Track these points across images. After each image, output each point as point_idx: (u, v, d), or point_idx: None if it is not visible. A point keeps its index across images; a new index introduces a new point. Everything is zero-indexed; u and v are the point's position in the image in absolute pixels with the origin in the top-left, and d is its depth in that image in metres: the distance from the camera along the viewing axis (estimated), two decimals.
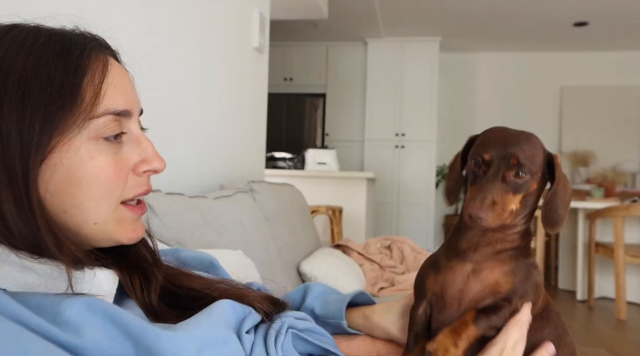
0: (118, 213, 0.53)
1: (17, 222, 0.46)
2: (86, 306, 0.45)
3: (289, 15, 3.70)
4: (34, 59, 0.48)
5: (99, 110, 0.50)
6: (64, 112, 0.48)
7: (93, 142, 0.50)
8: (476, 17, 4.69)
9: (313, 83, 5.74)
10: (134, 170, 0.54)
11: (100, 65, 0.52)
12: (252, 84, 2.31)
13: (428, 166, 5.35)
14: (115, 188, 0.52)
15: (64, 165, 0.49)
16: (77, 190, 0.50)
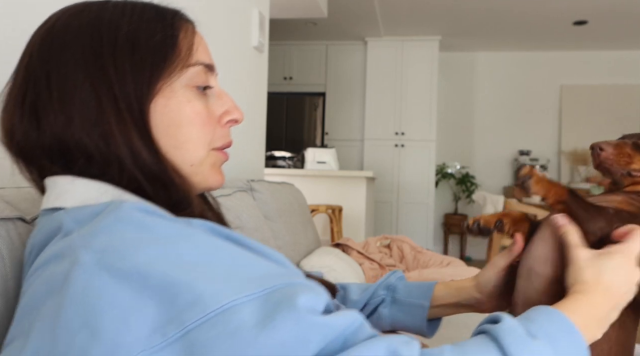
0: (211, 157, 0.60)
1: (146, 155, 0.52)
2: (210, 227, 0.50)
3: (289, 14, 3.70)
4: (136, 19, 0.54)
5: (192, 60, 0.57)
6: (167, 59, 0.54)
7: (188, 88, 0.56)
8: (476, 16, 4.69)
9: (313, 82, 5.74)
10: (218, 121, 0.60)
11: (189, 26, 0.60)
12: (251, 83, 2.31)
13: (428, 165, 5.35)
14: (208, 132, 0.58)
15: (167, 106, 0.54)
16: (178, 131, 0.55)
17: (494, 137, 5.86)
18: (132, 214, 0.45)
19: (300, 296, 0.41)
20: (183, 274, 0.41)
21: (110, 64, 0.52)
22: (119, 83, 0.52)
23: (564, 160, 5.65)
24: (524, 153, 5.64)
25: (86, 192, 0.51)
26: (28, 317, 0.43)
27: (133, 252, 0.42)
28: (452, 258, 2.23)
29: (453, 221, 5.72)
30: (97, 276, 0.40)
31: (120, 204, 0.47)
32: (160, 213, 0.48)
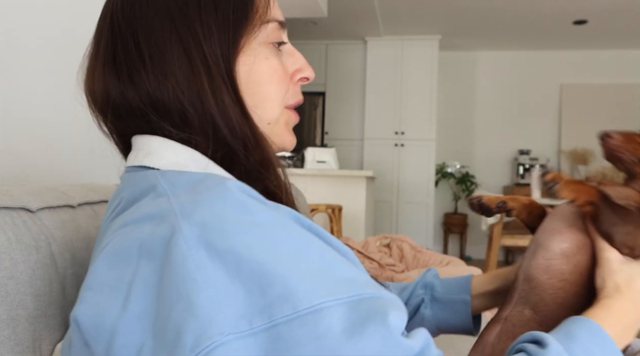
0: (285, 116, 0.59)
1: (238, 116, 0.52)
2: (295, 215, 0.49)
3: (289, 13, 3.70)
4: None
5: (269, 16, 0.56)
6: (248, 16, 0.54)
7: (265, 46, 0.56)
8: (476, 16, 4.69)
9: (312, 81, 5.65)
10: (291, 78, 0.59)
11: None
12: None
13: (427, 164, 5.35)
14: (284, 89, 0.57)
15: (247, 64, 0.54)
16: (257, 89, 0.55)
17: (493, 137, 5.86)
18: (235, 193, 0.44)
19: (391, 313, 0.40)
20: (278, 265, 0.40)
21: (196, 21, 0.51)
22: (207, 41, 0.51)
23: (563, 159, 5.65)
24: (523, 152, 5.64)
25: (177, 156, 0.51)
26: (120, 270, 0.43)
27: (232, 233, 0.41)
28: (452, 257, 2.23)
29: (453, 220, 5.72)
30: (196, 250, 0.40)
31: (224, 180, 0.46)
32: (259, 197, 0.47)
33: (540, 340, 0.50)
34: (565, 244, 0.63)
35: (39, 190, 0.65)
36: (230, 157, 0.52)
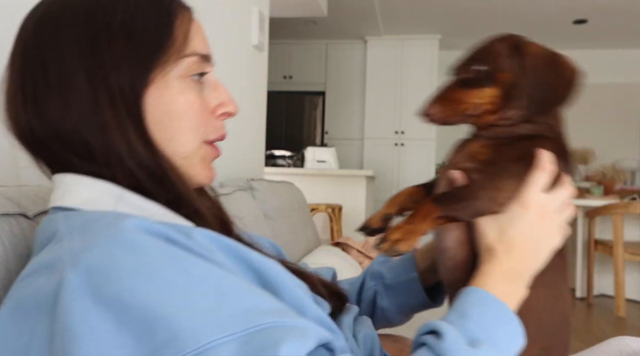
0: (202, 151, 0.57)
1: (141, 148, 0.50)
2: (210, 236, 0.48)
3: (289, 13, 3.70)
4: (133, 4, 0.53)
5: (188, 50, 0.55)
6: (162, 49, 0.53)
7: (182, 79, 0.54)
8: (476, 15, 4.69)
9: (312, 81, 5.74)
10: (212, 112, 0.58)
11: (186, 14, 0.58)
12: (251, 81, 2.31)
13: (427, 164, 5.35)
14: (201, 124, 0.56)
15: (160, 98, 0.53)
16: (171, 123, 0.53)
17: None
18: (127, 234, 0.43)
19: (285, 345, 0.38)
20: (166, 307, 0.39)
21: (105, 51, 0.50)
22: (114, 71, 0.50)
23: None
24: None
25: (90, 191, 0.50)
26: (20, 328, 0.42)
27: (119, 278, 0.40)
28: None
29: None
30: (80, 300, 0.39)
31: (119, 219, 0.44)
32: (161, 232, 0.45)
33: (436, 330, 0.50)
34: (453, 234, 0.63)
35: (38, 193, 0.65)
36: (142, 188, 0.51)
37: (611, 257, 3.43)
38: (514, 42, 0.64)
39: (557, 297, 0.62)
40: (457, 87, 0.64)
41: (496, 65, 0.63)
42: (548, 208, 0.59)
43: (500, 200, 0.59)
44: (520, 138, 0.63)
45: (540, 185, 0.59)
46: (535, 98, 0.61)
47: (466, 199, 0.59)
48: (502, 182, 0.59)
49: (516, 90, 0.62)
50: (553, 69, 0.62)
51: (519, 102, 0.62)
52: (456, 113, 0.63)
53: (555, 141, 0.64)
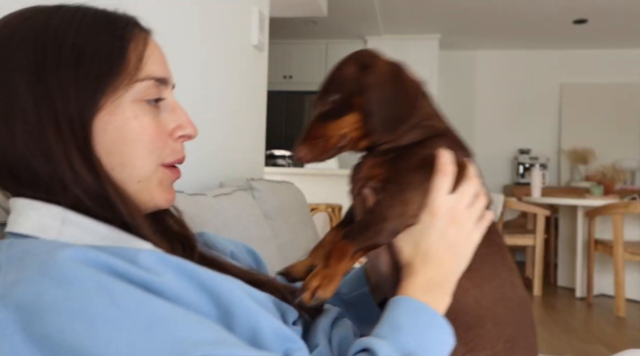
0: (159, 174, 0.57)
1: (87, 175, 0.50)
2: (159, 257, 0.47)
3: (289, 13, 3.70)
4: (85, 28, 0.52)
5: (142, 75, 0.54)
6: (113, 74, 0.52)
7: (136, 103, 0.54)
8: (476, 15, 4.68)
9: (312, 81, 5.74)
10: (170, 135, 0.58)
11: (142, 37, 0.57)
12: (251, 81, 2.31)
13: None
14: (157, 148, 0.56)
15: (112, 122, 0.52)
16: (124, 147, 0.53)
17: (493, 136, 5.86)
18: (58, 267, 0.42)
19: None
20: (93, 343, 0.39)
21: (52, 77, 0.50)
22: (62, 98, 0.50)
23: (563, 158, 5.65)
24: (524, 152, 5.64)
25: (36, 217, 0.50)
26: None
27: (47, 314, 0.39)
28: None
29: None
30: (10, 337, 0.39)
31: (54, 252, 0.43)
32: (96, 259, 0.44)
33: (369, 348, 0.50)
34: (381, 257, 0.64)
35: None
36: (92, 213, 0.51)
37: (611, 256, 3.43)
38: (361, 60, 0.62)
39: (503, 286, 0.62)
40: (320, 121, 0.61)
41: (347, 91, 0.60)
42: (458, 209, 0.60)
43: (411, 213, 0.59)
44: (409, 146, 0.62)
45: (444, 189, 0.59)
46: (382, 117, 0.59)
47: (376, 223, 0.58)
48: (406, 196, 0.59)
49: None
50: (396, 85, 0.60)
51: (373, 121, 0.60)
52: (325, 149, 0.61)
53: (444, 136, 0.64)
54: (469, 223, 0.60)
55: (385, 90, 0.59)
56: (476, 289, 0.59)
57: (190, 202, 1.30)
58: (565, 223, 4.17)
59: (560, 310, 3.47)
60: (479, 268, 0.61)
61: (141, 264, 0.46)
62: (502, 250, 0.65)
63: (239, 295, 0.48)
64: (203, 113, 1.81)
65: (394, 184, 0.60)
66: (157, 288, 0.44)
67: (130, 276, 0.44)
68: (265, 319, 0.48)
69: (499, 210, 3.87)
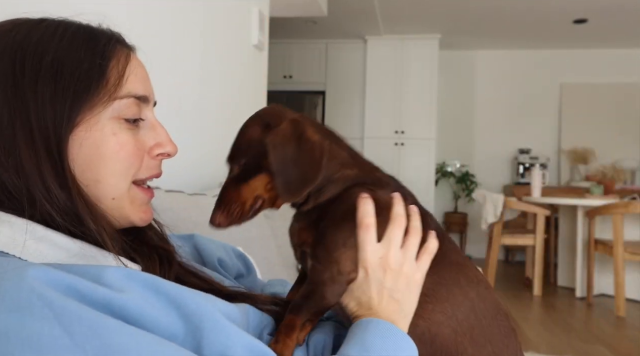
0: (132, 192, 0.57)
1: (59, 192, 0.49)
2: (126, 274, 0.46)
3: (289, 12, 3.69)
4: (66, 44, 0.52)
5: (122, 92, 0.54)
6: (92, 90, 0.52)
7: (115, 121, 0.54)
8: (476, 15, 4.68)
9: (312, 80, 5.74)
10: (149, 152, 0.58)
11: (124, 54, 0.57)
12: (251, 81, 2.31)
13: (427, 163, 5.35)
14: (132, 165, 0.56)
15: (89, 139, 0.52)
16: (100, 164, 0.53)
17: (493, 136, 5.86)
18: (15, 290, 0.40)
19: None
20: None
21: (30, 91, 0.49)
22: (37, 112, 0.49)
23: (563, 158, 5.65)
24: (524, 151, 5.64)
25: (10, 229, 0.48)
26: None
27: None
28: None
29: (453, 219, 5.72)
30: None
31: (12, 273, 0.41)
32: (57, 280, 0.42)
33: None
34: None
35: None
36: (61, 228, 0.50)
37: (611, 256, 3.43)
38: (265, 120, 0.61)
39: (474, 306, 0.62)
40: (232, 185, 0.61)
41: (253, 152, 0.60)
42: (389, 256, 0.59)
43: (346, 270, 0.58)
44: (330, 202, 0.61)
45: (369, 242, 0.59)
46: (284, 179, 0.58)
47: (315, 292, 0.58)
48: (334, 256, 0.58)
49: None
50: (298, 146, 0.58)
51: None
52: (242, 213, 0.60)
53: (362, 182, 0.63)
54: (405, 266, 0.60)
55: (286, 151, 0.58)
56: (450, 319, 0.59)
57: (190, 202, 1.30)
58: (565, 223, 4.17)
59: (560, 310, 3.47)
60: (448, 297, 0.61)
61: (105, 281, 0.44)
62: (463, 267, 0.64)
63: (210, 310, 0.47)
64: (203, 113, 1.81)
65: (321, 247, 0.59)
66: (119, 305, 0.43)
67: (92, 296, 0.43)
68: (237, 335, 0.47)
69: (499, 210, 3.87)
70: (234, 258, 0.85)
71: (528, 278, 4.22)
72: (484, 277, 0.65)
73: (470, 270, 0.64)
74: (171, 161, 0.63)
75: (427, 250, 0.62)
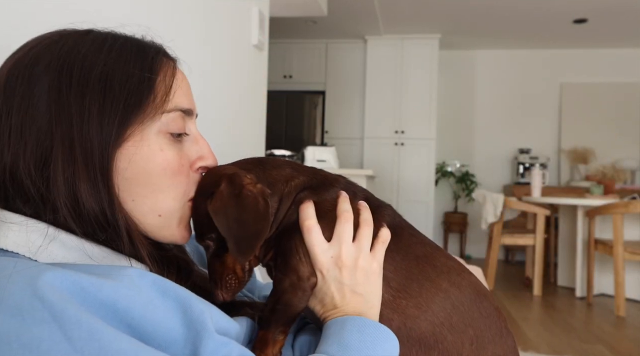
0: (185, 210, 0.57)
1: (90, 200, 0.49)
2: (138, 273, 0.47)
3: (289, 12, 3.69)
4: (114, 57, 0.52)
5: (169, 106, 0.54)
6: (141, 105, 0.52)
7: (162, 135, 0.54)
8: (476, 15, 4.68)
9: (312, 80, 5.74)
10: (191, 166, 0.58)
11: (170, 67, 0.57)
12: (251, 81, 2.31)
13: (427, 163, 5.35)
14: (180, 182, 0.55)
15: (138, 154, 0.52)
16: (148, 180, 0.53)
17: (493, 136, 5.86)
18: (19, 293, 0.40)
19: None
20: None
21: (75, 104, 0.49)
22: (81, 125, 0.49)
23: (563, 158, 5.65)
24: (523, 151, 5.64)
25: (27, 233, 0.48)
26: None
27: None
28: None
29: (453, 219, 5.72)
30: None
31: (16, 276, 0.41)
32: (62, 280, 0.42)
33: None
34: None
35: None
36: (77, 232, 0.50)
37: (611, 256, 3.43)
38: (206, 190, 0.59)
39: (448, 295, 0.62)
40: (217, 260, 0.60)
41: (212, 225, 0.57)
42: (341, 253, 0.59)
43: (305, 275, 0.59)
44: (285, 217, 0.62)
45: (317, 243, 0.59)
46: (235, 242, 0.57)
47: (279, 301, 0.59)
48: (292, 263, 0.59)
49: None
50: (238, 205, 0.57)
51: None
52: (239, 281, 0.59)
53: (310, 187, 0.63)
54: (359, 259, 0.60)
55: (228, 214, 0.56)
56: (426, 313, 0.60)
57: None
58: (565, 223, 4.17)
59: (560, 310, 3.47)
60: (420, 291, 0.61)
61: (123, 279, 0.45)
62: (430, 258, 0.65)
63: (208, 317, 0.47)
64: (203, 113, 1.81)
65: (280, 258, 0.61)
66: (124, 307, 0.43)
67: (97, 294, 0.43)
68: (232, 343, 0.47)
69: (498, 210, 3.87)
70: None
71: (528, 278, 4.22)
72: (455, 263, 0.66)
73: (438, 259, 0.65)
74: None
75: (380, 239, 0.63)
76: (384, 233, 0.64)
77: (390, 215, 0.69)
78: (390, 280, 0.62)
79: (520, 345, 2.69)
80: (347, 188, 0.66)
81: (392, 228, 0.66)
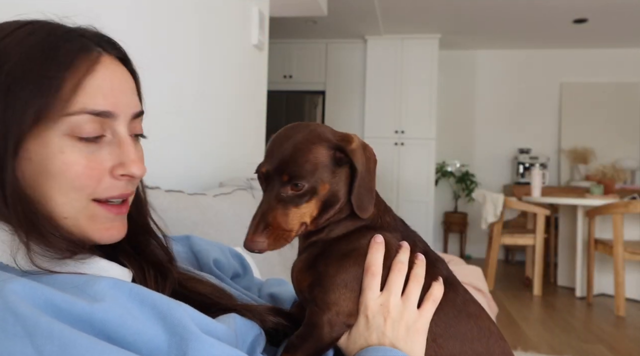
0: (90, 210, 0.53)
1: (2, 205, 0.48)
2: (112, 283, 0.46)
3: (289, 12, 3.69)
4: (25, 53, 0.49)
5: (75, 108, 0.50)
6: (40, 103, 0.48)
7: (67, 138, 0.50)
8: (476, 14, 4.68)
9: (312, 80, 5.74)
10: (110, 172, 0.54)
11: (88, 63, 0.52)
12: (251, 81, 2.31)
13: (427, 163, 5.35)
14: (85, 185, 0.52)
15: (36, 155, 0.50)
16: (47, 182, 0.50)
17: (493, 135, 5.86)
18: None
19: None
20: None
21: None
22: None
23: (563, 158, 5.65)
24: (523, 151, 5.64)
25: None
26: None
27: None
28: (452, 256, 2.23)
29: (453, 219, 5.72)
30: None
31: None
32: (32, 294, 0.42)
33: None
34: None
35: None
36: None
37: (611, 256, 3.43)
38: (331, 143, 0.60)
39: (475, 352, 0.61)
40: (281, 207, 0.57)
41: (317, 179, 0.58)
42: (390, 305, 0.59)
43: (344, 312, 0.58)
44: (334, 240, 0.61)
45: (373, 289, 0.59)
46: (358, 196, 0.59)
47: (312, 333, 0.58)
48: (334, 297, 0.58)
49: (334, 197, 0.59)
50: (370, 165, 0.60)
51: (343, 204, 0.60)
52: (285, 239, 0.57)
53: (374, 227, 0.63)
54: (405, 313, 0.59)
55: (368, 169, 0.60)
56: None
57: (190, 201, 1.30)
58: (565, 223, 4.17)
59: (560, 310, 3.47)
60: (461, 351, 0.61)
61: (89, 292, 0.44)
62: (478, 318, 0.63)
63: (188, 320, 0.47)
64: (203, 112, 1.81)
65: (318, 289, 0.58)
66: (100, 319, 0.43)
67: (71, 310, 0.42)
68: (221, 346, 0.47)
69: (498, 210, 3.87)
70: (230, 258, 0.85)
71: (528, 278, 4.22)
72: (496, 328, 0.65)
73: (483, 321, 0.64)
74: (171, 161, 0.63)
75: (431, 297, 0.61)
76: (437, 290, 0.62)
77: (447, 269, 0.67)
78: (438, 337, 0.61)
79: (520, 345, 2.70)
80: (407, 236, 0.66)
81: (449, 283, 0.65)
